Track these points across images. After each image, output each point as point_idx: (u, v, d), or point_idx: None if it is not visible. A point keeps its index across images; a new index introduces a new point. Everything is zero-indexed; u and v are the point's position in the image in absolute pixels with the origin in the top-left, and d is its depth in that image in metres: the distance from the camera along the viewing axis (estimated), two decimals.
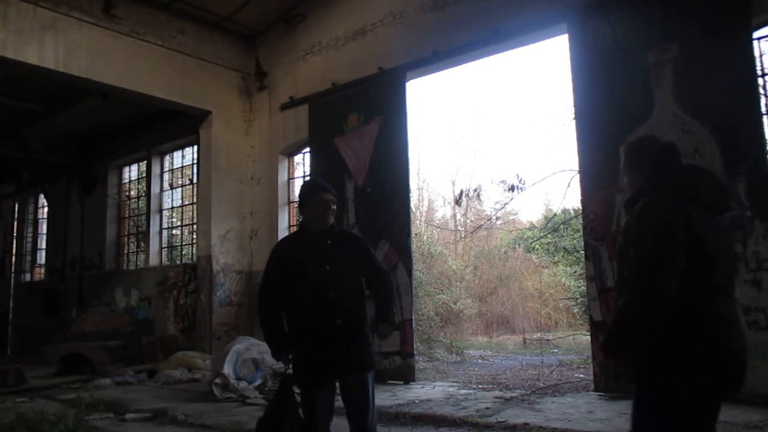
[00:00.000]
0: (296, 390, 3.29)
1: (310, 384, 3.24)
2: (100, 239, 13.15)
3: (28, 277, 15.96)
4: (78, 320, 11.86)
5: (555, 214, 12.98)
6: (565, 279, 14.62)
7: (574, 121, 6.96)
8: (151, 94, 9.59)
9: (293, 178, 10.52)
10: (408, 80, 8.62)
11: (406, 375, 7.87)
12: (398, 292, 8.16)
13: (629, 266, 2.19)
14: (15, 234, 16.24)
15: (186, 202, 12.27)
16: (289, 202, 10.40)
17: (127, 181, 13.58)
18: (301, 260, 3.31)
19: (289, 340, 3.35)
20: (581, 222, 7.24)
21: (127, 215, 13.42)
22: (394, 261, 8.24)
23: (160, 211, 12.47)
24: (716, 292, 2.19)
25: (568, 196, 17.75)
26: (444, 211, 21.87)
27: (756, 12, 5.81)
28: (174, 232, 12.59)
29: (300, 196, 3.51)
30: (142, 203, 12.98)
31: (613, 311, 2.70)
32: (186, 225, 12.21)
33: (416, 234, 13.83)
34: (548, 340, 12.73)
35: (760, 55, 6.01)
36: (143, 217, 12.72)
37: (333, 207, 3.39)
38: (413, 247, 8.81)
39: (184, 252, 12.17)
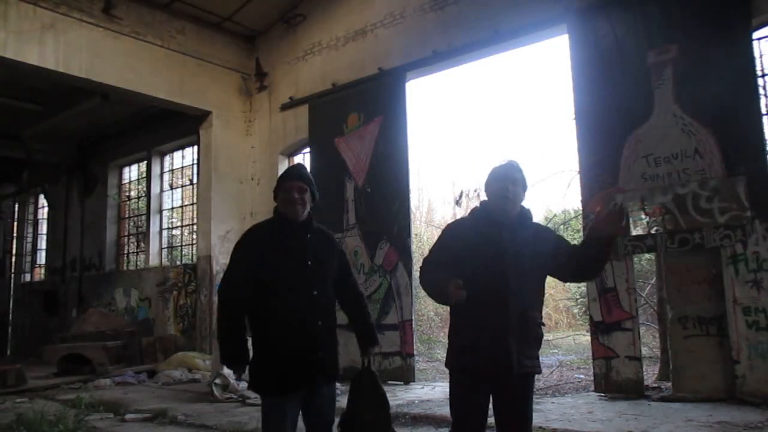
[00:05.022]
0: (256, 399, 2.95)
1: (281, 392, 2.86)
2: (100, 239, 13.16)
3: (28, 277, 15.96)
4: (78, 320, 11.86)
5: (555, 215, 12.99)
6: None
7: (574, 121, 6.96)
8: (151, 94, 9.59)
9: None
10: (408, 80, 8.62)
11: (406, 375, 7.87)
12: (398, 292, 8.18)
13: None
14: (15, 234, 16.23)
15: (186, 203, 12.27)
16: None
17: (127, 181, 13.59)
18: (281, 251, 2.96)
19: (249, 343, 2.98)
20: (581, 222, 7.24)
21: (127, 215, 13.43)
22: (394, 261, 8.25)
23: (160, 211, 12.47)
24: None
25: (568, 196, 17.75)
26: (444, 211, 21.83)
27: (756, 12, 5.82)
28: (174, 232, 12.58)
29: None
30: (142, 203, 12.98)
31: None
32: (186, 225, 12.21)
33: (416, 234, 13.81)
34: (548, 340, 12.71)
35: (760, 55, 6.01)
36: (143, 218, 12.73)
37: (298, 196, 2.98)
38: (413, 247, 8.81)
39: (184, 252, 12.17)
